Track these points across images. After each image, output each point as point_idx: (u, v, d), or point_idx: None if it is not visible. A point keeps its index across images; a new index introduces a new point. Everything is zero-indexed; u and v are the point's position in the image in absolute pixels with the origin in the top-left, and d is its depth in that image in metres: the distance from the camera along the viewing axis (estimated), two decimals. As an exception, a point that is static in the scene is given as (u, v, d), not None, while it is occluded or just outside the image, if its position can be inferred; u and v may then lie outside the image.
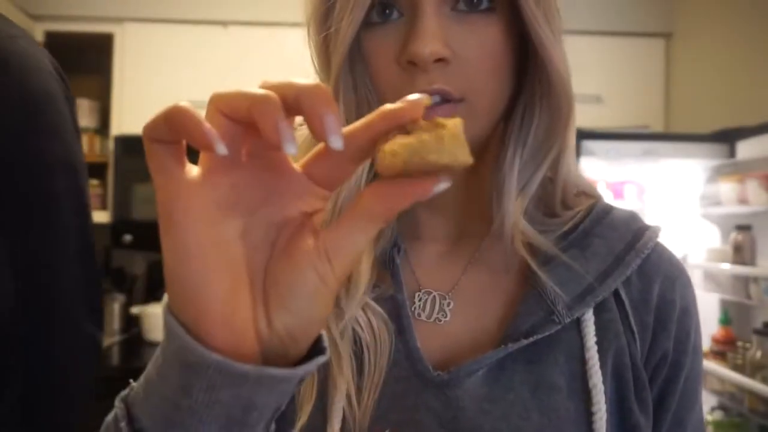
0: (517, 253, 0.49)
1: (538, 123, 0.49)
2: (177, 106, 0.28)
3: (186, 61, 2.44)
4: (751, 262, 2.09)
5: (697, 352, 0.52)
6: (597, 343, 0.48)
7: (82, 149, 0.75)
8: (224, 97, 0.28)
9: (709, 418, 2.12)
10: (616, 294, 0.50)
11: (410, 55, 0.43)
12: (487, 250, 0.52)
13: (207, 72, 2.43)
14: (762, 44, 2.34)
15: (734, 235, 2.17)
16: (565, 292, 0.48)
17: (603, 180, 2.46)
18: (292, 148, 0.27)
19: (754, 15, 2.39)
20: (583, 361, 0.47)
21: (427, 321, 0.50)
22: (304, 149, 0.33)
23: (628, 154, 2.33)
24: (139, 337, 2.43)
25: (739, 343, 2.11)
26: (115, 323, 2.44)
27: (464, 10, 0.45)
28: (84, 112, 2.50)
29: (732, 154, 2.32)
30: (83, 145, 0.83)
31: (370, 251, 0.49)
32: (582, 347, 0.48)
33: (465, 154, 0.27)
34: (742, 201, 2.13)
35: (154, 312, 2.38)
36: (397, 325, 0.48)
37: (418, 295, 0.51)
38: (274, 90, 0.28)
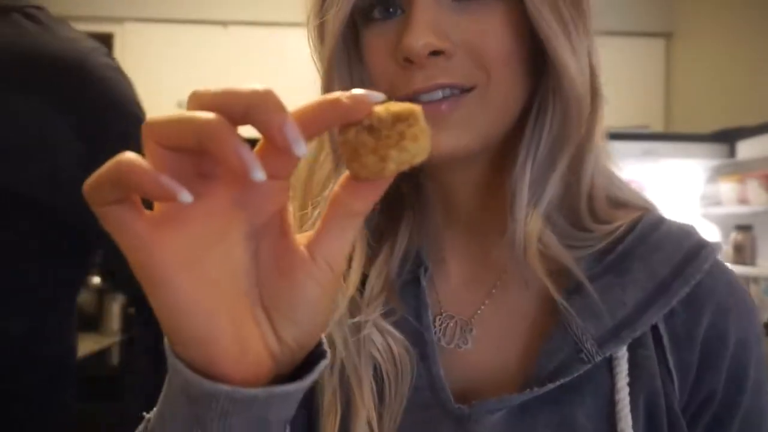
0: (536, 270, 0.44)
1: (551, 125, 0.44)
2: (120, 162, 0.24)
3: (186, 61, 2.44)
4: (751, 262, 2.09)
5: (761, 390, 0.45)
6: (629, 383, 0.43)
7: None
8: (161, 128, 0.26)
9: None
10: (654, 327, 0.43)
11: (403, 50, 0.41)
12: (513, 272, 0.47)
13: (207, 72, 2.43)
14: (762, 44, 2.34)
15: (734, 235, 2.17)
16: (596, 326, 0.43)
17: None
18: (260, 174, 0.25)
19: (754, 15, 2.39)
20: (612, 402, 0.42)
21: (447, 347, 0.47)
22: None
23: (628, 154, 2.33)
24: (139, 337, 2.42)
25: (739, 343, 2.11)
26: (115, 323, 2.44)
27: (465, 0, 0.43)
28: (84, 112, 2.50)
29: (732, 154, 2.32)
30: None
31: (361, 250, 0.47)
32: (612, 387, 0.43)
33: (429, 139, 0.28)
34: (742, 201, 2.13)
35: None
36: (420, 350, 0.46)
37: (440, 319, 0.48)
38: (215, 102, 0.25)
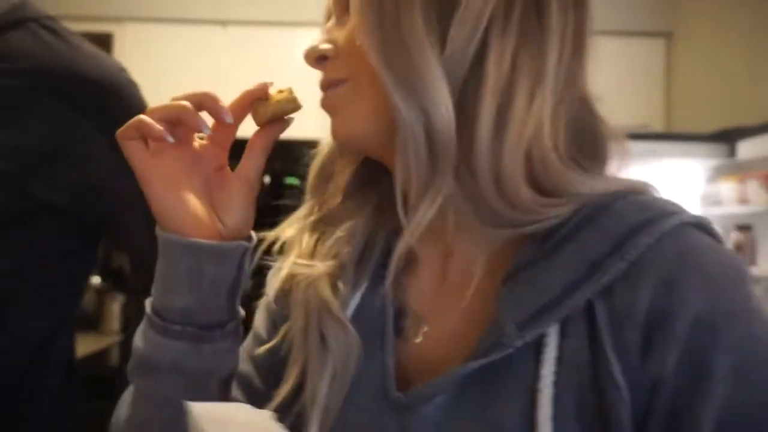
0: (476, 260, 0.45)
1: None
2: (139, 118, 0.47)
3: (186, 61, 2.44)
4: (751, 262, 2.09)
5: (749, 379, 0.37)
6: (557, 372, 0.40)
7: None
8: (158, 109, 0.48)
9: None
10: (591, 310, 0.40)
11: None
12: (459, 263, 0.48)
13: (207, 71, 2.43)
14: (762, 44, 2.34)
15: (734, 235, 2.17)
16: (520, 310, 0.41)
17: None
18: (207, 130, 0.48)
19: (754, 15, 2.39)
20: (535, 391, 0.40)
21: (405, 340, 0.48)
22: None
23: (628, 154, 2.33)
24: (139, 337, 2.43)
25: (740, 343, 2.11)
26: (115, 323, 2.44)
27: (344, 14, 0.48)
28: (84, 112, 2.50)
29: (732, 154, 2.32)
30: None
31: (354, 249, 0.51)
32: (537, 376, 0.40)
33: (296, 104, 0.51)
34: (742, 201, 2.13)
35: (154, 312, 2.38)
36: (378, 341, 0.48)
37: (404, 312, 0.50)
38: (186, 99, 0.48)
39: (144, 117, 0.47)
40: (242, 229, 0.50)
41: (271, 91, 0.51)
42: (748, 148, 2.24)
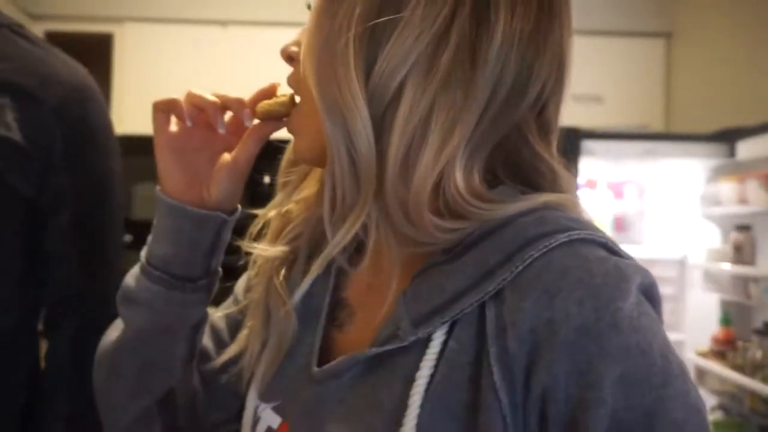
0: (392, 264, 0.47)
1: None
2: (174, 98, 0.57)
3: (186, 61, 2.44)
4: (751, 262, 2.09)
5: (629, 387, 0.38)
6: (436, 366, 0.42)
7: None
8: (194, 96, 0.56)
9: (710, 418, 2.12)
10: (483, 316, 0.42)
11: None
12: (384, 266, 0.50)
13: (206, 71, 2.43)
14: (762, 44, 2.34)
15: (734, 235, 2.17)
16: (416, 309, 0.44)
17: (603, 180, 2.46)
18: (222, 129, 0.56)
19: (754, 15, 2.39)
20: (412, 381, 0.43)
21: (338, 328, 0.54)
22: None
23: (628, 154, 2.33)
24: (139, 337, 2.43)
25: (740, 343, 2.11)
26: (115, 323, 2.44)
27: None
28: (84, 112, 2.50)
29: (732, 154, 2.32)
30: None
31: (308, 237, 0.57)
32: (417, 368, 0.43)
33: (288, 108, 0.54)
34: (742, 201, 2.13)
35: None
36: (315, 322, 0.54)
37: (341, 302, 0.55)
38: (218, 98, 0.56)
39: (178, 98, 0.57)
40: (224, 202, 0.58)
41: (278, 92, 0.57)
42: (747, 148, 2.24)
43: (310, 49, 0.47)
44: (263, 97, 0.56)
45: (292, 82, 0.53)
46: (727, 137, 2.31)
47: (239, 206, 0.60)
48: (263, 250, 0.57)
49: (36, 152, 0.80)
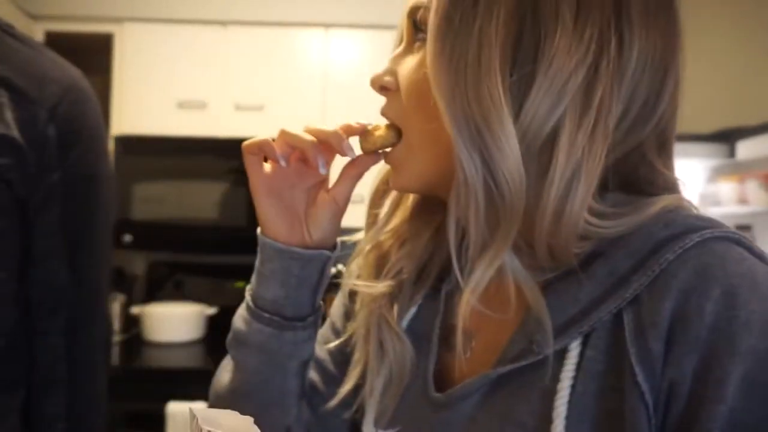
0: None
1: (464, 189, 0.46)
2: (265, 140, 0.54)
3: (186, 61, 2.44)
4: (751, 262, 2.09)
5: (752, 388, 0.38)
6: (575, 377, 0.42)
7: None
8: (289, 135, 0.53)
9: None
10: (620, 322, 0.42)
11: None
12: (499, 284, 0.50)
13: (207, 72, 2.43)
14: (762, 44, 2.34)
15: (734, 235, 2.17)
16: (552, 320, 0.44)
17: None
18: (323, 170, 0.54)
19: (754, 15, 2.39)
20: (553, 395, 0.43)
21: (455, 353, 0.52)
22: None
23: (628, 154, 2.32)
24: (139, 337, 2.43)
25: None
26: (115, 323, 2.44)
27: (413, 44, 0.50)
28: (84, 112, 2.49)
29: (732, 154, 2.32)
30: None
31: (413, 270, 0.57)
32: (556, 380, 0.43)
33: (391, 138, 0.52)
34: (742, 201, 2.13)
35: (154, 312, 2.37)
36: (426, 349, 0.54)
37: (455, 328, 0.52)
38: (314, 134, 0.53)
39: (269, 139, 0.54)
40: (326, 240, 0.58)
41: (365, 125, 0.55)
42: (747, 148, 2.24)
43: (441, 85, 0.43)
44: (353, 132, 0.54)
45: (390, 114, 0.51)
46: (727, 137, 2.31)
47: (339, 243, 0.60)
48: (369, 287, 0.57)
49: (31, 151, 0.80)
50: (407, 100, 0.48)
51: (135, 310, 2.46)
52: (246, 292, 0.60)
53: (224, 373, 0.63)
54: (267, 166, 0.57)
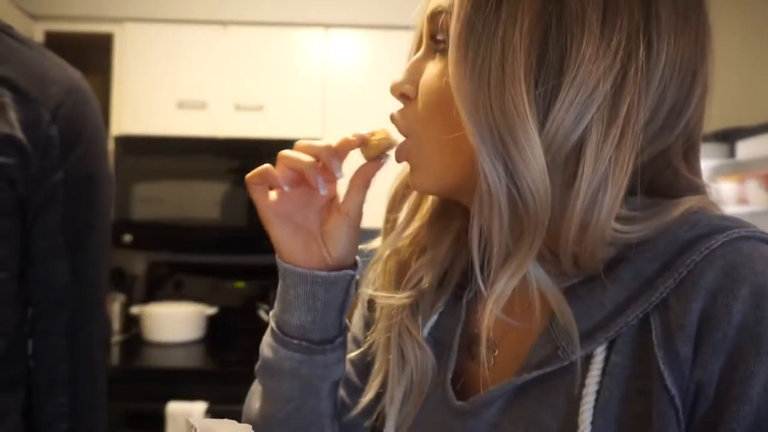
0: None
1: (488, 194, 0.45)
2: (265, 168, 0.54)
3: (186, 61, 2.44)
4: (751, 262, 2.08)
5: None
6: (601, 382, 0.42)
7: None
8: (288, 158, 0.53)
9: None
10: (647, 326, 0.42)
11: None
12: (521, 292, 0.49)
13: (207, 72, 2.43)
14: (762, 44, 2.34)
15: (734, 235, 2.17)
16: (578, 326, 0.43)
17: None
18: (323, 190, 0.53)
19: (754, 15, 2.39)
20: (579, 403, 0.43)
21: (478, 362, 0.52)
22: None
23: (628, 154, 2.32)
24: (139, 337, 2.43)
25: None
26: (114, 323, 2.44)
27: (433, 50, 0.48)
28: (84, 112, 2.49)
29: (732, 154, 2.32)
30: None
31: (434, 278, 0.56)
32: (582, 388, 0.43)
33: (392, 142, 0.53)
34: (742, 201, 2.13)
35: (154, 312, 2.37)
36: (446, 357, 0.54)
37: (476, 338, 0.53)
38: (309, 152, 0.53)
39: (269, 167, 0.54)
40: (346, 257, 0.57)
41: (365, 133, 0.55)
42: (747, 148, 2.23)
43: (464, 93, 0.42)
44: (351, 147, 0.54)
45: (403, 123, 0.50)
46: (727, 137, 2.30)
47: (359, 258, 0.59)
48: (389, 298, 0.56)
49: (34, 152, 0.80)
50: (425, 110, 0.47)
51: (135, 310, 2.46)
52: (270, 319, 0.59)
53: (254, 400, 0.62)
54: (273, 194, 0.56)
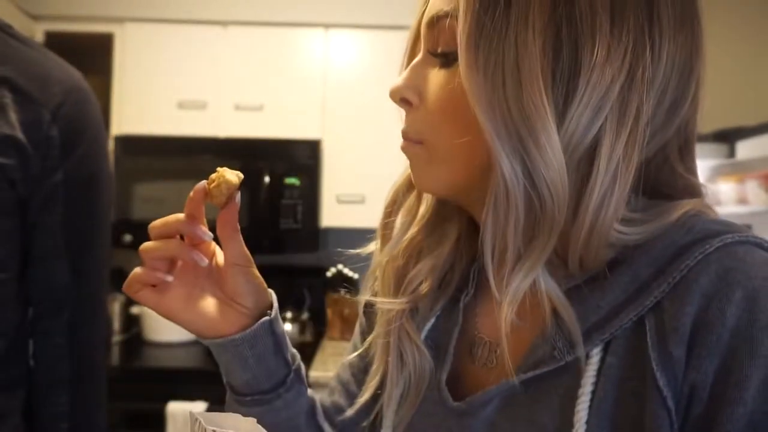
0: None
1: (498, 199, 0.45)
2: (135, 273, 0.54)
3: (186, 61, 2.44)
4: (750, 262, 2.08)
5: None
6: (597, 386, 0.43)
7: None
8: (153, 250, 0.53)
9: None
10: (642, 328, 0.42)
11: None
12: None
13: (207, 72, 2.43)
14: (762, 44, 2.34)
15: (734, 235, 2.17)
16: (574, 327, 0.44)
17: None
18: (202, 262, 0.53)
19: (754, 15, 2.39)
20: (574, 399, 0.43)
21: (478, 365, 0.52)
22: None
23: (627, 154, 2.32)
24: (139, 337, 2.43)
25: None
26: (115, 323, 2.45)
27: (436, 56, 0.47)
28: (84, 112, 2.49)
29: (732, 154, 2.32)
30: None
31: (433, 284, 0.56)
32: (577, 385, 0.44)
33: (237, 177, 0.52)
34: (742, 201, 2.13)
35: (154, 312, 2.37)
36: (443, 359, 0.54)
37: (476, 340, 0.54)
38: (167, 233, 0.53)
39: (138, 270, 0.54)
40: (261, 301, 0.57)
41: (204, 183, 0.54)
42: (747, 149, 2.24)
43: (479, 94, 0.42)
44: (199, 204, 0.53)
45: (412, 130, 0.49)
46: (727, 137, 2.31)
47: (272, 293, 0.59)
48: (390, 304, 0.56)
49: (35, 152, 0.80)
50: (436, 116, 0.46)
51: (135, 310, 2.46)
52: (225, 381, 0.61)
53: None
54: (160, 292, 0.55)
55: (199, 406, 1.98)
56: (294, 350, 0.61)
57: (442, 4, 0.46)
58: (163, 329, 2.35)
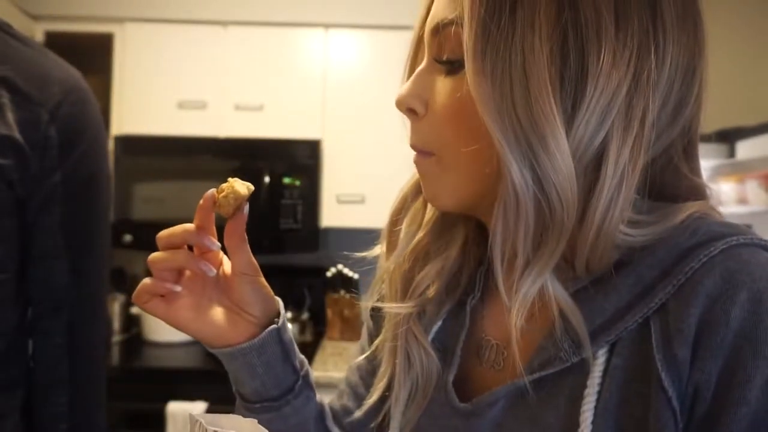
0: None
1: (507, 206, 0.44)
2: (144, 284, 0.53)
3: (186, 61, 2.44)
4: (750, 262, 2.08)
5: None
6: (602, 387, 0.43)
7: None
8: (162, 261, 0.53)
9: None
10: (647, 330, 0.42)
11: None
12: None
13: (207, 72, 2.43)
14: (762, 44, 2.34)
15: (734, 235, 2.17)
16: (581, 329, 0.44)
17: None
18: (210, 272, 0.53)
19: (754, 15, 2.39)
20: (580, 400, 0.44)
21: (486, 367, 0.53)
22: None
23: (627, 154, 2.32)
24: (139, 337, 2.43)
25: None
26: (115, 323, 2.45)
27: (441, 64, 0.47)
28: (84, 112, 2.49)
29: (732, 154, 2.32)
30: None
31: (441, 288, 0.56)
32: (583, 386, 0.44)
33: (237, 193, 0.52)
34: (742, 201, 2.13)
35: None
36: (449, 361, 0.54)
37: (483, 342, 0.54)
38: (175, 243, 0.53)
39: (147, 281, 0.54)
40: (269, 310, 0.58)
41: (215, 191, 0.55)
42: (747, 149, 2.24)
43: (487, 101, 0.41)
44: (208, 214, 0.53)
45: (420, 140, 0.49)
46: (727, 137, 2.31)
47: (279, 301, 0.59)
48: (397, 308, 0.56)
49: (33, 152, 0.80)
50: (443, 126, 0.46)
51: (135, 310, 2.46)
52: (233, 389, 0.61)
53: None
54: (170, 302, 0.55)
55: (199, 406, 1.98)
56: (302, 356, 0.61)
57: (446, 11, 0.45)
58: (163, 329, 2.35)
